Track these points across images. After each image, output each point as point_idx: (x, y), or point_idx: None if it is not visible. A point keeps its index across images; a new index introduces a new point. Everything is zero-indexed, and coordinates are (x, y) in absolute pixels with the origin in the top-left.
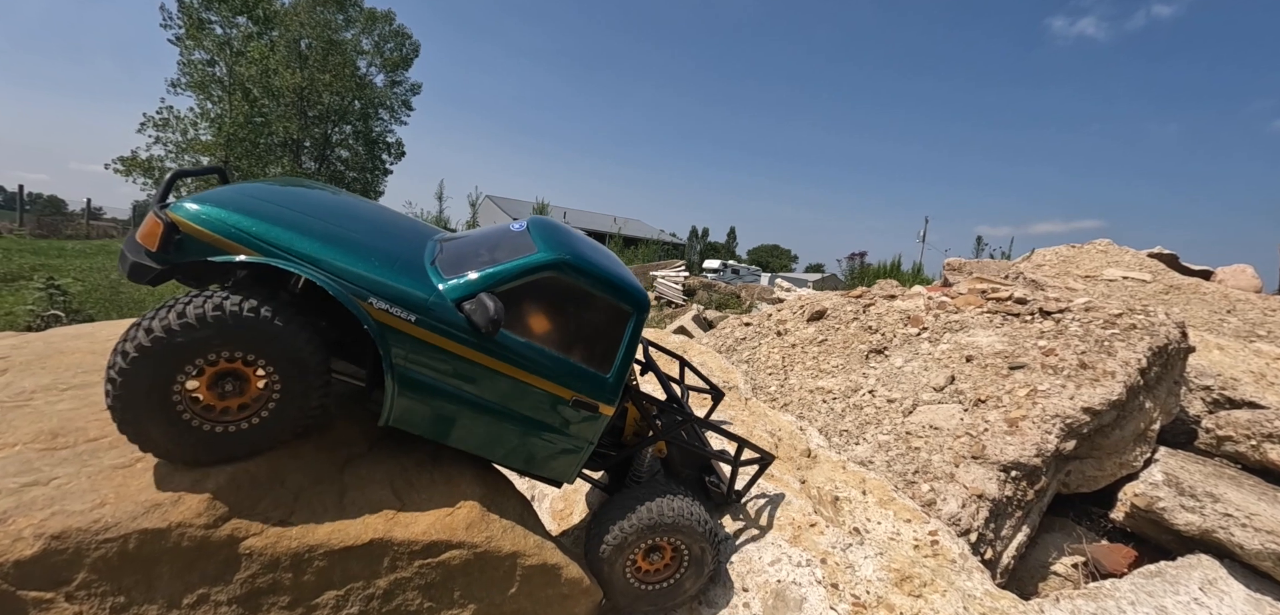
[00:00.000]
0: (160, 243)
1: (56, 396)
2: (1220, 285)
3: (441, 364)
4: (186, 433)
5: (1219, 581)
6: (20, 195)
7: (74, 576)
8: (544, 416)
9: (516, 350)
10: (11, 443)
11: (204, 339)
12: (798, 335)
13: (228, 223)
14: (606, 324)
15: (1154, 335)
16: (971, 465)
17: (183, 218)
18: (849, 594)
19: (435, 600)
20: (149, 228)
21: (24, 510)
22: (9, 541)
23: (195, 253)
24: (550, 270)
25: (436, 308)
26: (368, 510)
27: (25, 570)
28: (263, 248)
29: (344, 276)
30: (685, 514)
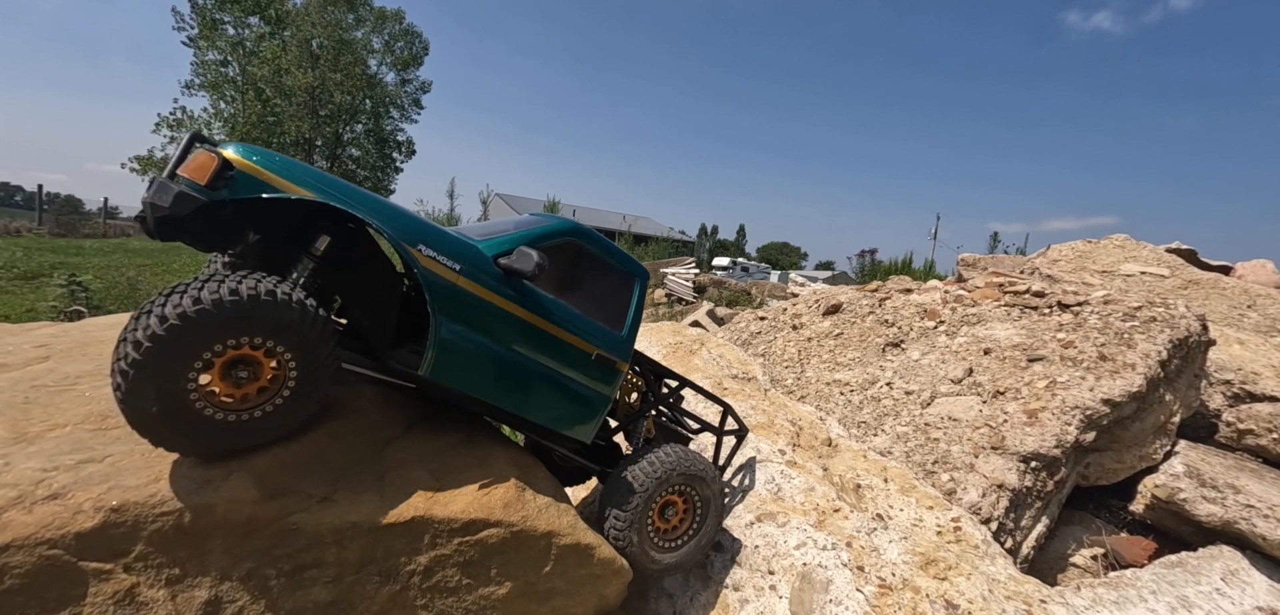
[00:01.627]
0: (212, 178)
1: (101, 382)
2: (1240, 280)
3: (481, 315)
4: (201, 424)
5: (1241, 572)
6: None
7: (132, 548)
8: (571, 371)
9: (546, 305)
10: (62, 424)
11: (225, 324)
12: (813, 329)
13: (281, 163)
14: (617, 288)
15: (1174, 328)
16: (991, 456)
17: (236, 154)
18: (875, 576)
19: (473, 577)
20: (200, 163)
21: (82, 485)
22: (69, 514)
23: (247, 190)
24: (569, 235)
25: (479, 260)
26: (407, 489)
27: (86, 542)
28: (318, 191)
29: (395, 224)
30: (687, 458)
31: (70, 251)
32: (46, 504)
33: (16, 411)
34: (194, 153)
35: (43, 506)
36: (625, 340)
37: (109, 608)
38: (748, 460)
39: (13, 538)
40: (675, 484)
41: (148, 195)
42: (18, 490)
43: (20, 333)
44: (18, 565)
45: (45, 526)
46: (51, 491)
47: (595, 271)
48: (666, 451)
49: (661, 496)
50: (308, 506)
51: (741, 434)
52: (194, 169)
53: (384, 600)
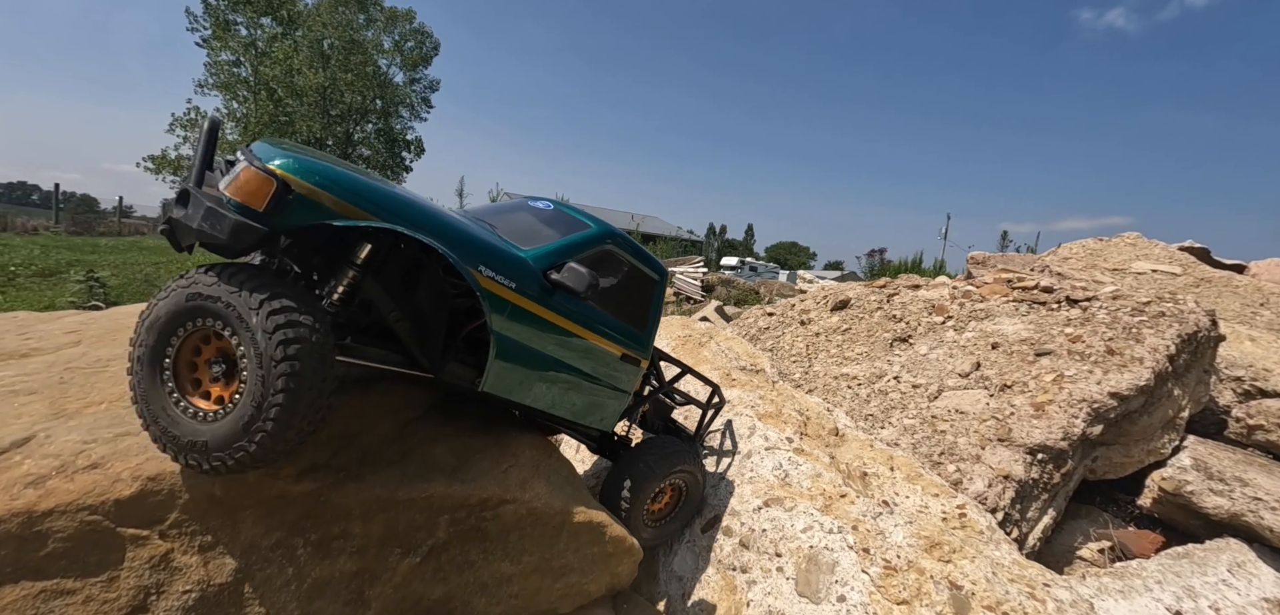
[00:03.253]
0: (270, 204)
1: None
2: (1254, 278)
3: (532, 328)
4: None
5: (1247, 564)
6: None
7: (167, 516)
8: (602, 371)
9: (583, 312)
10: (99, 402)
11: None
12: (821, 324)
13: (344, 182)
14: (641, 288)
15: (1183, 323)
16: (998, 448)
17: (294, 175)
18: (880, 558)
19: (489, 553)
20: (254, 185)
21: (120, 456)
22: (109, 483)
23: (309, 216)
24: (605, 242)
25: (530, 274)
26: (429, 467)
27: (125, 509)
28: (385, 214)
29: (459, 246)
30: (685, 454)
31: (86, 249)
32: (87, 473)
33: (54, 390)
34: (240, 168)
35: (83, 475)
36: (647, 337)
37: (145, 572)
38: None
39: (55, 504)
40: (673, 475)
41: (190, 215)
42: (59, 460)
43: (51, 320)
44: (60, 530)
45: (86, 494)
46: (91, 462)
47: (623, 273)
48: (670, 444)
49: (661, 484)
50: (336, 482)
51: (719, 404)
52: (248, 192)
53: (405, 572)
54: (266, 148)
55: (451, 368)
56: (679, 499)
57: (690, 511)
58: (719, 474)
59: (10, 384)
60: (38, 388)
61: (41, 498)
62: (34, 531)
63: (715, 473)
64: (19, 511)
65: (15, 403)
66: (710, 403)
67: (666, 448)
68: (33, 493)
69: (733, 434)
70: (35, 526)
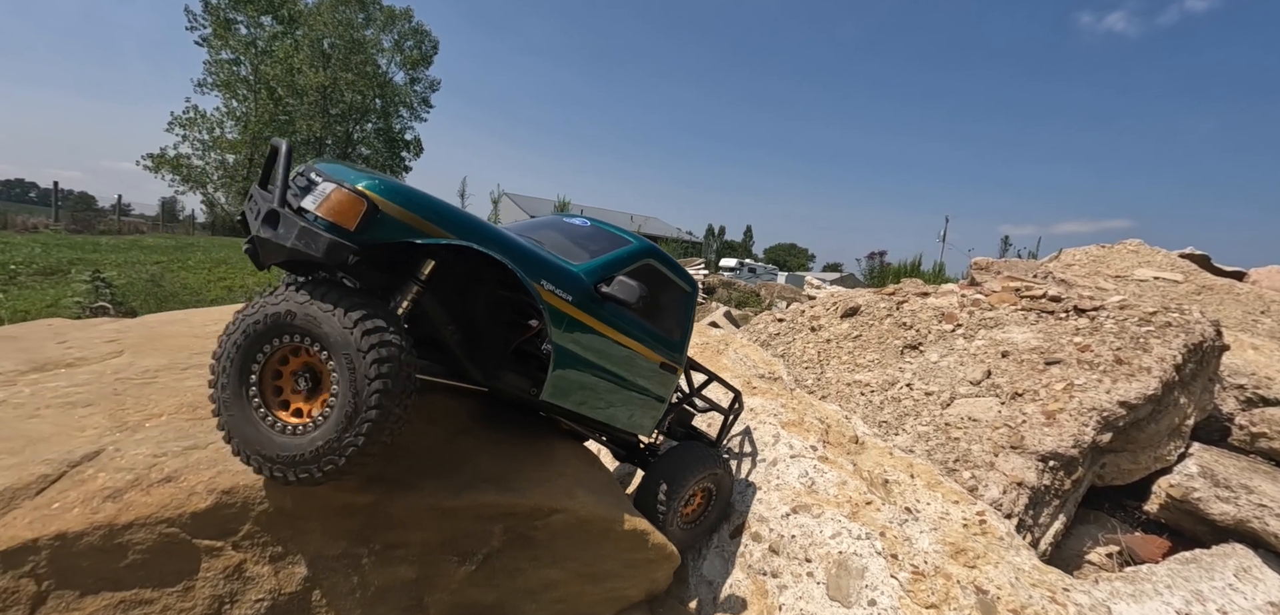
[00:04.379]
0: (361, 223)
1: (178, 374)
2: (1254, 286)
3: (586, 339)
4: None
5: (1253, 569)
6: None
7: (240, 528)
8: (644, 379)
9: (627, 323)
10: (158, 413)
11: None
12: (832, 331)
13: (423, 203)
14: (675, 300)
15: (1189, 333)
16: (1011, 455)
17: (381, 196)
18: (908, 564)
19: (537, 560)
20: (346, 206)
21: (192, 469)
22: (184, 496)
23: (395, 234)
24: (647, 256)
25: (583, 287)
26: (480, 477)
27: (200, 521)
28: (461, 232)
29: (524, 263)
30: (716, 460)
31: (87, 248)
32: (162, 486)
33: (111, 402)
34: (330, 189)
35: (159, 488)
36: (682, 346)
37: (219, 581)
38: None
39: (135, 517)
40: (706, 479)
41: (281, 235)
42: (133, 474)
43: (87, 328)
44: (140, 542)
45: (164, 507)
46: (165, 475)
47: (660, 285)
48: (700, 450)
49: (693, 488)
50: (395, 492)
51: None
52: (341, 212)
53: (460, 579)
54: (341, 169)
55: (508, 378)
56: (708, 502)
57: (718, 514)
58: (744, 481)
59: (65, 395)
60: (93, 399)
61: (121, 511)
62: (115, 544)
63: (739, 479)
64: (101, 525)
65: (75, 415)
66: (732, 409)
67: (697, 453)
68: (112, 506)
69: (753, 440)
70: (116, 539)
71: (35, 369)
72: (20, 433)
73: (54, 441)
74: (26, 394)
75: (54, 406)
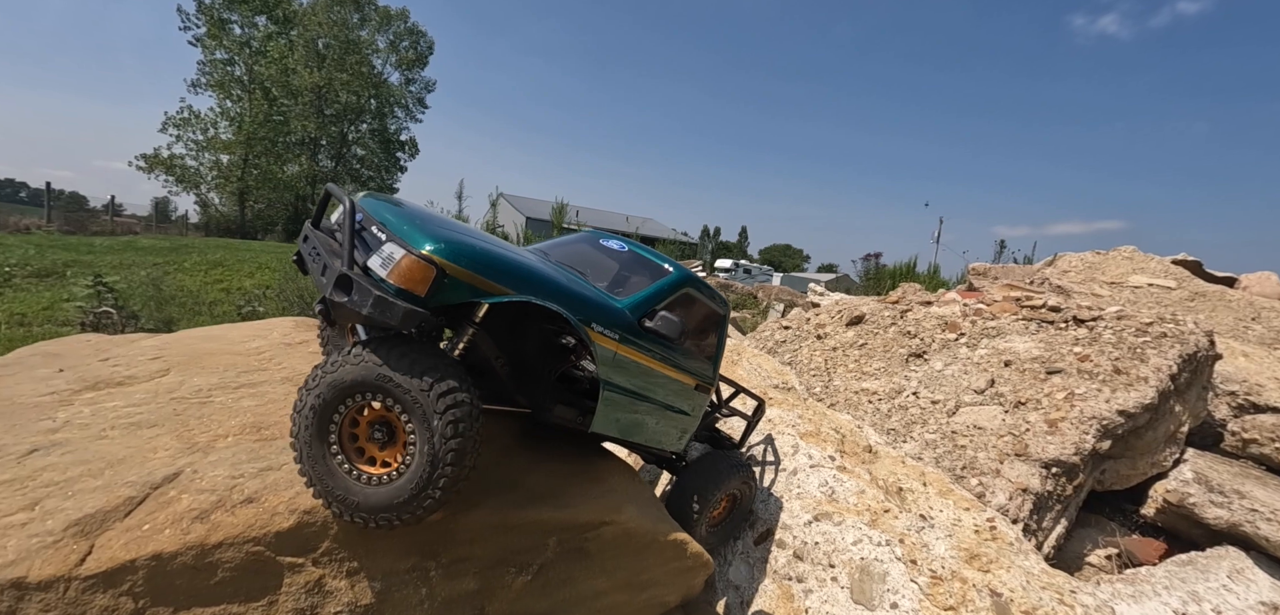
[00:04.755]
0: (431, 289)
1: (232, 394)
2: (1245, 292)
3: (630, 371)
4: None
5: (1246, 571)
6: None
7: (320, 545)
8: (680, 402)
9: (666, 351)
10: (224, 435)
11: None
12: (838, 339)
13: (483, 259)
14: (709, 324)
15: (1184, 343)
16: (1016, 462)
17: (450, 260)
18: (927, 568)
19: (588, 569)
20: (416, 273)
21: (272, 490)
22: (268, 515)
23: (462, 295)
24: (684, 286)
25: (627, 322)
26: (534, 494)
27: (283, 539)
28: (520, 288)
29: (577, 308)
30: (744, 467)
31: (82, 249)
32: (245, 507)
33: (175, 423)
34: (396, 256)
35: (243, 509)
36: (715, 368)
37: (301, 596)
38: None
39: (224, 537)
40: (733, 487)
41: (356, 302)
42: (215, 495)
43: (127, 344)
44: (228, 560)
45: (249, 527)
46: (246, 496)
47: (696, 312)
48: (728, 458)
49: (722, 495)
50: (460, 509)
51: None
52: (412, 280)
53: (518, 589)
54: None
55: (558, 410)
56: (733, 507)
57: (742, 518)
58: (766, 490)
59: (128, 415)
60: (157, 419)
61: (210, 532)
62: (206, 562)
63: (762, 488)
64: (193, 544)
65: (143, 436)
66: (755, 416)
67: (725, 461)
68: (202, 527)
69: (775, 448)
70: (207, 558)
71: (88, 388)
72: (95, 454)
73: (131, 463)
74: (87, 414)
75: (120, 427)
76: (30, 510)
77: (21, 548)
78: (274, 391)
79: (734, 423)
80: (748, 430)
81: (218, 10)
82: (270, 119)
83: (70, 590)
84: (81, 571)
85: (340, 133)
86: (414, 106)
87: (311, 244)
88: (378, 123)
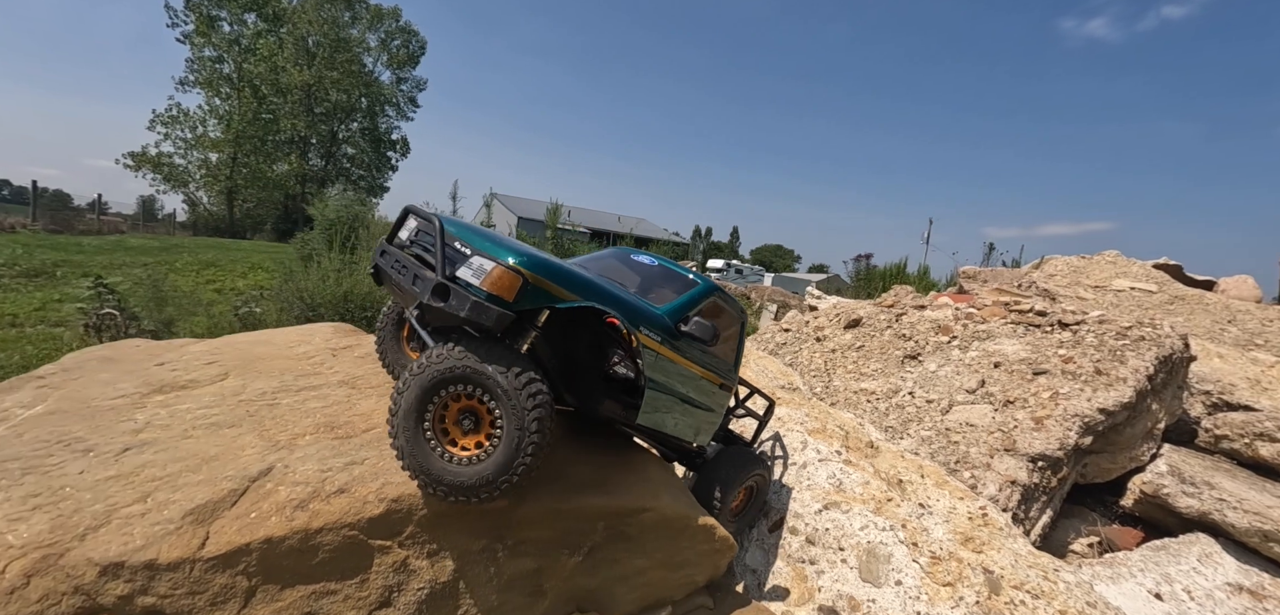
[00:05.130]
0: (518, 295)
1: (296, 396)
2: (1222, 296)
3: (669, 370)
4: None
5: (1214, 555)
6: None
7: (405, 529)
8: (707, 399)
9: (696, 352)
10: (300, 433)
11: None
12: (836, 341)
13: (556, 271)
14: (731, 328)
15: (1160, 346)
16: (1004, 456)
17: (531, 271)
18: (927, 550)
19: (630, 551)
20: (506, 282)
21: (359, 483)
22: (360, 504)
23: (538, 301)
24: (712, 295)
25: (665, 325)
26: (581, 483)
27: (374, 525)
28: (585, 295)
29: (627, 315)
30: (762, 462)
31: (71, 249)
32: (339, 497)
33: (251, 423)
34: (486, 267)
35: (337, 499)
36: (735, 368)
37: (389, 574)
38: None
39: (324, 523)
40: (750, 479)
41: (454, 307)
42: (309, 487)
43: (178, 349)
44: (328, 543)
45: (345, 514)
46: (338, 488)
47: (719, 317)
48: (745, 453)
49: (741, 486)
50: (523, 498)
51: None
52: (502, 288)
53: (571, 568)
54: (477, 236)
55: (606, 405)
56: (750, 497)
57: (758, 508)
58: (778, 482)
59: (206, 418)
60: (233, 420)
61: (312, 518)
62: (309, 545)
63: (774, 481)
64: (298, 530)
65: (226, 435)
66: (767, 415)
67: (745, 457)
68: (304, 515)
69: (784, 445)
70: (311, 541)
71: (155, 391)
72: (188, 452)
73: (224, 460)
74: (164, 415)
75: (201, 427)
76: (143, 502)
77: (147, 534)
78: (335, 394)
79: (745, 422)
80: (759, 427)
81: (206, 7)
82: (259, 117)
83: (194, 570)
84: (203, 554)
85: (330, 131)
86: (405, 105)
87: (391, 258)
88: (368, 121)
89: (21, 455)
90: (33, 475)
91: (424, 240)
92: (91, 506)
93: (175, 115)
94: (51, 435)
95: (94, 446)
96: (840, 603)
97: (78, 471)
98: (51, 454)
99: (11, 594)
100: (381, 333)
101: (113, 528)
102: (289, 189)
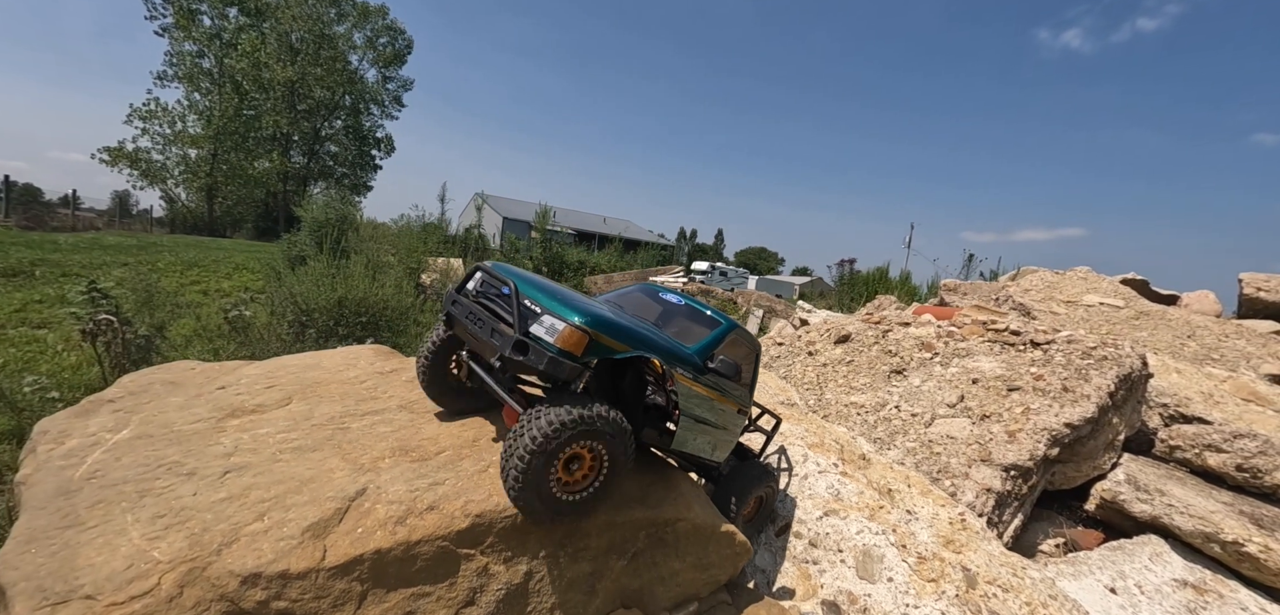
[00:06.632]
0: (585, 350)
1: (362, 420)
2: (1184, 311)
3: (697, 401)
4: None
5: (1164, 555)
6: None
7: (486, 540)
8: (726, 422)
9: (720, 384)
10: (380, 456)
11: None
12: (827, 355)
13: (612, 326)
14: (747, 359)
15: (1121, 366)
16: (981, 466)
17: (594, 329)
18: (914, 551)
19: (668, 556)
20: (576, 339)
21: (446, 500)
22: (449, 519)
23: (599, 354)
24: (733, 331)
25: (695, 362)
26: (630, 498)
27: (462, 536)
28: (635, 346)
29: (667, 358)
30: (773, 474)
31: (46, 247)
32: (430, 513)
33: (331, 448)
34: (559, 327)
35: (429, 515)
36: (750, 393)
37: (473, 578)
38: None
39: (422, 536)
40: (761, 490)
41: (532, 361)
42: (403, 505)
43: (232, 371)
44: (425, 553)
45: (438, 528)
46: (428, 505)
47: (737, 349)
48: (757, 467)
49: (753, 496)
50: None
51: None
52: (572, 344)
53: (619, 571)
54: (542, 292)
55: (646, 432)
56: (760, 506)
57: (766, 515)
58: (783, 492)
59: (287, 442)
60: (315, 445)
61: (411, 532)
62: (410, 555)
63: (780, 491)
64: (402, 542)
65: (313, 459)
66: (773, 431)
67: (757, 470)
68: (404, 530)
69: (788, 457)
70: (411, 551)
71: (227, 415)
72: (284, 475)
73: (320, 482)
74: (247, 439)
75: (287, 451)
76: (261, 520)
77: (275, 549)
78: (398, 418)
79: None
80: (766, 442)
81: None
82: (241, 113)
83: (319, 579)
84: (324, 564)
85: (313, 129)
86: (390, 104)
87: (463, 307)
88: (353, 120)
89: (130, 478)
90: (150, 497)
91: (489, 291)
92: (216, 525)
93: (153, 110)
94: (150, 459)
95: (195, 470)
96: (840, 598)
97: (190, 493)
98: (158, 477)
99: (170, 602)
100: (425, 363)
101: (243, 544)
102: (271, 187)
